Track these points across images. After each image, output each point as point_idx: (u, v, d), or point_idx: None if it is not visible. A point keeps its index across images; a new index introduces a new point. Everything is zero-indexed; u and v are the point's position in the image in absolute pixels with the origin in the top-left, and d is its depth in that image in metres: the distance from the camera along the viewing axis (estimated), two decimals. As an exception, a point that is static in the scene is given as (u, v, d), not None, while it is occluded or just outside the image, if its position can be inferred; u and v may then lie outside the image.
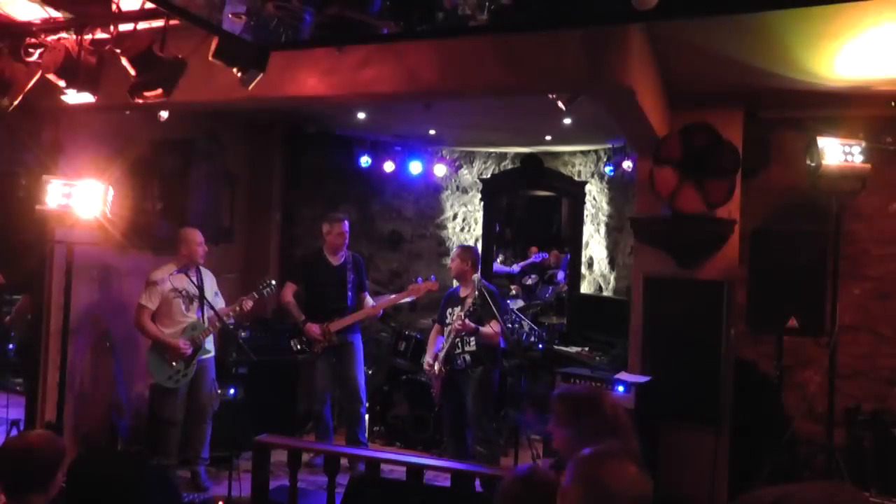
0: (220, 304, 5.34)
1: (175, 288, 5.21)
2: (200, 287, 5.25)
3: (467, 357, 5.18)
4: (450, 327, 5.23)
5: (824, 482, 4.37)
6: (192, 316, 5.26)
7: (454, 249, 5.66)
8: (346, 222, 5.75)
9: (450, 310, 5.34)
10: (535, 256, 9.53)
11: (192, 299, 5.27)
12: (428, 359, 5.38)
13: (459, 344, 5.18)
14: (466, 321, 5.04)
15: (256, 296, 5.34)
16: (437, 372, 5.22)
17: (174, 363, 5.12)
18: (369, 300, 5.84)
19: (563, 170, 8.12)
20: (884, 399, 5.02)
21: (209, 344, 5.35)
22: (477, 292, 5.06)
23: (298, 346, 5.65)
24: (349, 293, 5.71)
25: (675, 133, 4.54)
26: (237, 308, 5.25)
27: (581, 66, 3.55)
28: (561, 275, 9.05)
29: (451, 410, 5.34)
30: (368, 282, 6.07)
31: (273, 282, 5.48)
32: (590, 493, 1.67)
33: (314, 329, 5.55)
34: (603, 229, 7.59)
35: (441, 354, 5.22)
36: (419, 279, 5.89)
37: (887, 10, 3.37)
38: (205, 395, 5.32)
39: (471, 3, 2.51)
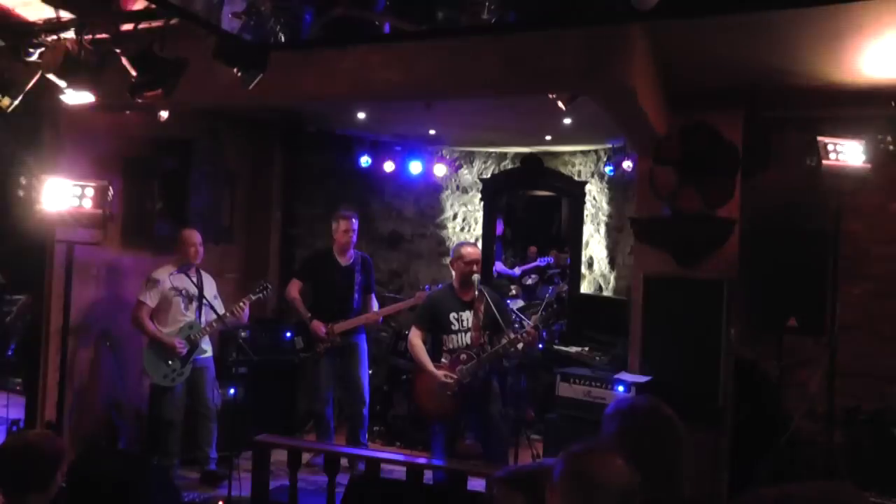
0: (219, 307, 5.34)
1: (175, 287, 5.23)
2: (200, 287, 5.26)
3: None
4: (469, 334, 4.73)
5: (824, 482, 4.38)
6: (191, 315, 5.28)
7: (463, 247, 4.89)
8: (354, 219, 5.68)
9: (454, 314, 4.77)
10: (539, 261, 9.50)
11: (191, 299, 5.29)
12: (439, 372, 4.71)
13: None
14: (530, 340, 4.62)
15: (253, 297, 5.34)
16: (463, 385, 4.68)
17: (170, 361, 5.13)
18: (374, 303, 5.82)
19: (563, 170, 8.11)
20: (884, 399, 5.02)
21: (206, 344, 5.37)
22: (487, 298, 4.74)
23: (302, 344, 5.66)
24: (355, 295, 5.70)
25: (675, 133, 4.54)
26: (235, 311, 5.25)
27: (581, 66, 3.55)
28: (557, 277, 9.07)
29: (452, 424, 4.98)
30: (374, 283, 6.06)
31: (269, 285, 5.48)
32: (577, 486, 1.67)
33: (320, 327, 5.54)
34: (603, 229, 7.59)
35: (465, 368, 4.68)
36: (427, 287, 5.90)
37: (887, 10, 3.37)
38: (207, 395, 5.33)
39: (472, 2, 2.51)
